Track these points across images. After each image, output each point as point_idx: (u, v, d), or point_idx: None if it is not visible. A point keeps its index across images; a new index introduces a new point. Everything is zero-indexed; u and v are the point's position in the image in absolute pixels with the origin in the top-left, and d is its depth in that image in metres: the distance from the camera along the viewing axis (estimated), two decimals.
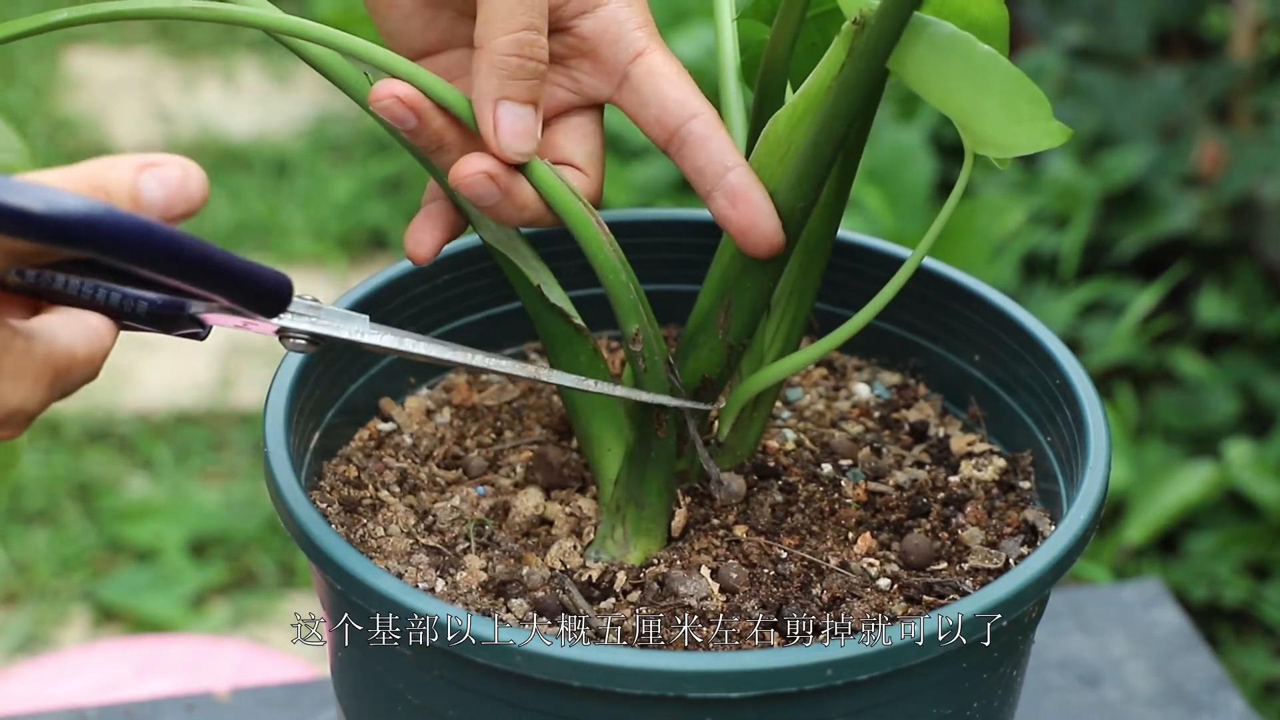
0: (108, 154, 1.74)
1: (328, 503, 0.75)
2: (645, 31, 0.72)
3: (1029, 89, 0.65)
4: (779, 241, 0.70)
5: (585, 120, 0.74)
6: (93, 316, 0.59)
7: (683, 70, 0.72)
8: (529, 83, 0.69)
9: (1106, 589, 1.17)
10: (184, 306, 0.61)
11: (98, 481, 1.95)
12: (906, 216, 2.03)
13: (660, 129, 0.72)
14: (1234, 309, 2.02)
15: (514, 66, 0.69)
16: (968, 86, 0.67)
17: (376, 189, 2.41)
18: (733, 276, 0.72)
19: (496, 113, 0.69)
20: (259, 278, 0.58)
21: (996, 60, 0.65)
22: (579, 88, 0.73)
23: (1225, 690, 1.08)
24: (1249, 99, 2.19)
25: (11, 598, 1.84)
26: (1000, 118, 0.67)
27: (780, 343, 0.77)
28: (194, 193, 0.56)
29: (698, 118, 0.71)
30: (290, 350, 0.66)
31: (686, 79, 0.72)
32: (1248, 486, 1.79)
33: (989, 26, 0.69)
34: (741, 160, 0.71)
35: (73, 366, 0.58)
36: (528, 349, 0.88)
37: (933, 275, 0.83)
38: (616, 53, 0.72)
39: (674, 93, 0.71)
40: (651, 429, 0.73)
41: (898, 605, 0.71)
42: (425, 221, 0.74)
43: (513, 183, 0.70)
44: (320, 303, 0.67)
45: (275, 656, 1.34)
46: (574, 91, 0.74)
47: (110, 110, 2.56)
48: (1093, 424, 0.74)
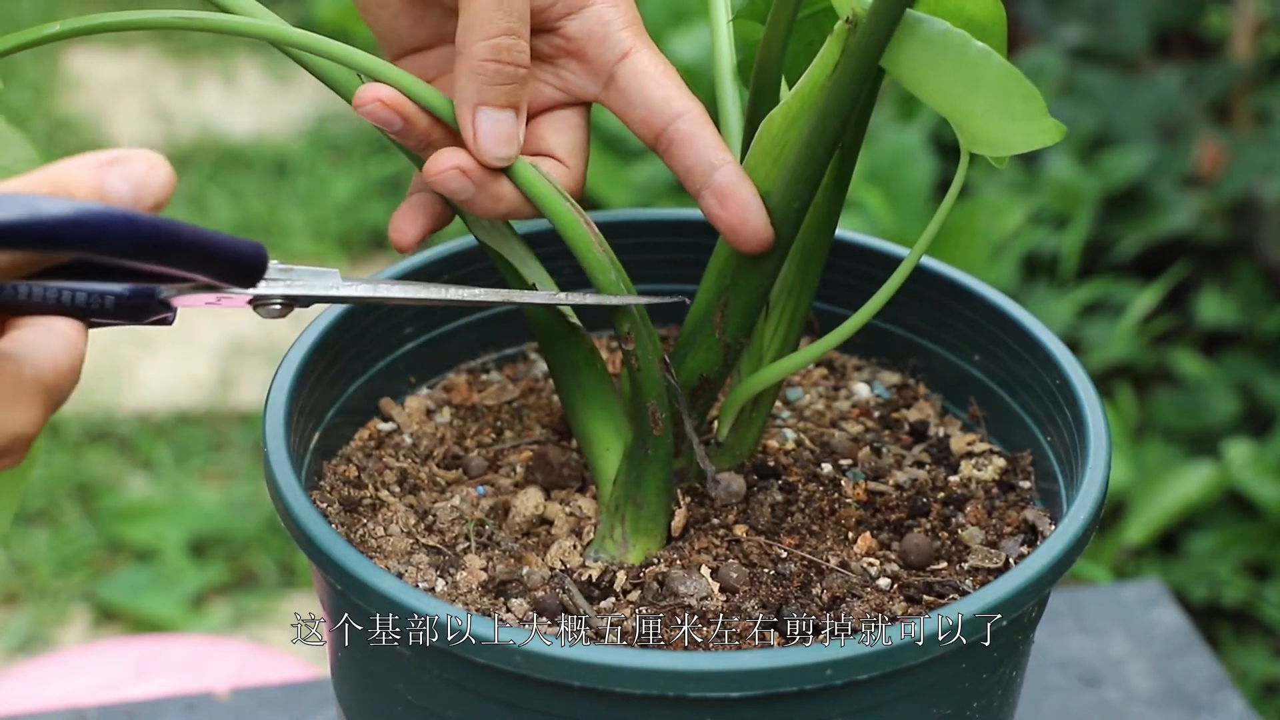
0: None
1: (328, 503, 0.75)
2: (631, 31, 0.72)
3: (1023, 86, 0.65)
4: (767, 237, 0.70)
5: (571, 114, 0.74)
6: (62, 323, 0.58)
7: (669, 69, 0.72)
8: (507, 88, 0.69)
9: (1106, 589, 1.17)
10: (154, 293, 0.59)
11: (98, 481, 1.95)
12: (907, 216, 2.03)
13: (647, 128, 0.72)
14: (1234, 309, 2.02)
15: (492, 72, 0.69)
16: (961, 84, 0.67)
17: (376, 189, 2.41)
18: (729, 276, 0.72)
19: (476, 118, 0.69)
20: (238, 249, 0.57)
21: (990, 57, 0.65)
22: (566, 86, 0.74)
23: (1225, 690, 1.08)
24: (1249, 99, 2.19)
25: (11, 598, 1.84)
26: (994, 115, 0.67)
27: (779, 342, 0.77)
28: (161, 185, 0.55)
29: (684, 116, 0.71)
30: (265, 318, 0.66)
31: (673, 77, 0.72)
32: (1248, 486, 1.79)
33: (986, 24, 0.69)
34: (729, 157, 0.71)
35: (60, 381, 0.57)
36: (528, 349, 0.88)
37: (933, 275, 0.83)
38: (603, 53, 0.72)
39: (659, 92, 0.71)
40: (648, 428, 0.73)
41: (898, 605, 0.71)
42: (409, 211, 0.74)
43: (487, 178, 0.70)
44: (292, 267, 0.66)
45: (275, 656, 1.34)
46: (561, 90, 0.74)
47: (110, 110, 2.56)
48: (1093, 424, 0.74)
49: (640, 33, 0.72)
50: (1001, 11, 0.69)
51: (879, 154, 2.09)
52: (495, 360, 0.87)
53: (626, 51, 0.72)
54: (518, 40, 0.69)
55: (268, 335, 2.17)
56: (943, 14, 0.69)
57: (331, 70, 0.71)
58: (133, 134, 2.52)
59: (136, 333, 2.15)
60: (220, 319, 2.20)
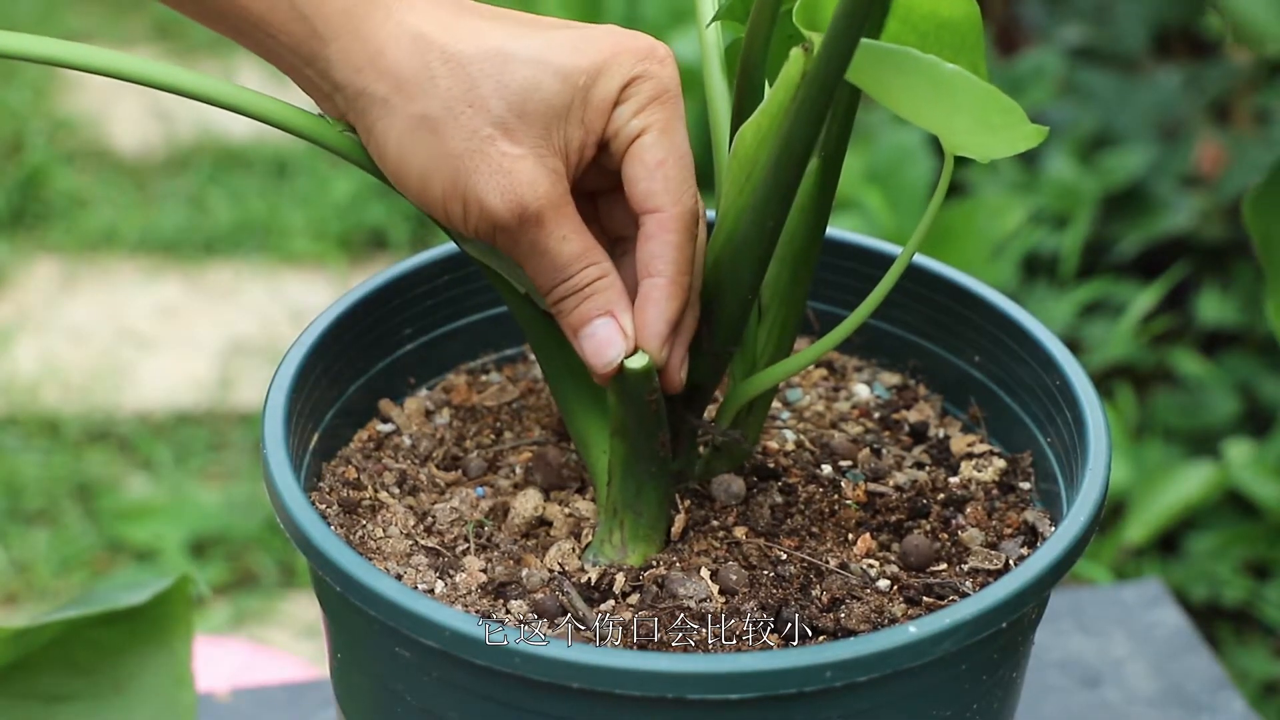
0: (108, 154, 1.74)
1: (327, 504, 0.75)
2: (643, 118, 0.70)
3: (999, 101, 0.64)
4: (649, 360, 0.71)
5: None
6: None
7: (666, 158, 0.70)
8: (585, 305, 0.71)
9: (1107, 589, 1.16)
10: None
11: (98, 481, 1.95)
12: (907, 216, 2.03)
13: (630, 205, 0.72)
14: (1234, 309, 2.01)
15: (569, 302, 0.72)
16: (938, 105, 0.66)
17: (376, 189, 2.41)
18: (711, 287, 0.72)
19: (579, 344, 0.72)
20: None
21: (963, 78, 0.64)
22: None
23: (1225, 691, 1.08)
24: (1249, 99, 2.19)
25: (11, 598, 1.84)
26: (974, 129, 0.67)
27: (772, 347, 0.77)
28: None
29: (653, 215, 0.71)
30: None
31: (665, 170, 0.70)
32: (1248, 486, 1.79)
33: (960, 24, 0.69)
34: (667, 270, 0.70)
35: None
36: (527, 349, 0.87)
37: (933, 276, 0.83)
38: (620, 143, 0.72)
39: (643, 184, 0.70)
40: (652, 447, 0.73)
41: (897, 607, 0.71)
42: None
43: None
44: None
45: (275, 656, 1.34)
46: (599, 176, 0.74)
47: (110, 110, 2.56)
48: (1092, 424, 0.74)
49: (659, 108, 0.71)
50: (975, 9, 0.69)
51: (878, 154, 2.09)
52: (495, 361, 0.87)
53: (639, 133, 0.71)
54: (585, 270, 0.70)
55: (268, 335, 2.17)
56: (916, 18, 0.68)
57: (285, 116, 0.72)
58: (132, 134, 2.52)
59: (136, 333, 2.15)
60: (220, 319, 2.20)
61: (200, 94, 0.70)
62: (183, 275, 2.27)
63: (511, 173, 0.68)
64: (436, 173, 0.69)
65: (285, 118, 0.71)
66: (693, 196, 0.71)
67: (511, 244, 0.70)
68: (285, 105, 0.72)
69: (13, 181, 2.38)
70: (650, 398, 0.71)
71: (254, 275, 2.28)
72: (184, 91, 0.70)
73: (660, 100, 0.70)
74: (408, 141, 0.69)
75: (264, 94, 0.72)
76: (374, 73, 0.69)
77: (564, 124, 0.69)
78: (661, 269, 0.70)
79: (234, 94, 0.71)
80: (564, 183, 0.70)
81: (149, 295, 2.23)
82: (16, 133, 2.49)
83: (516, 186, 0.68)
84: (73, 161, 2.45)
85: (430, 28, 0.69)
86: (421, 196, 0.70)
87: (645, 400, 0.71)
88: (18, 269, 2.25)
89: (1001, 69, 2.21)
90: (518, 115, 0.68)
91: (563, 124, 0.69)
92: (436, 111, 0.68)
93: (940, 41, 0.69)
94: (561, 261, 0.70)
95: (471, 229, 0.70)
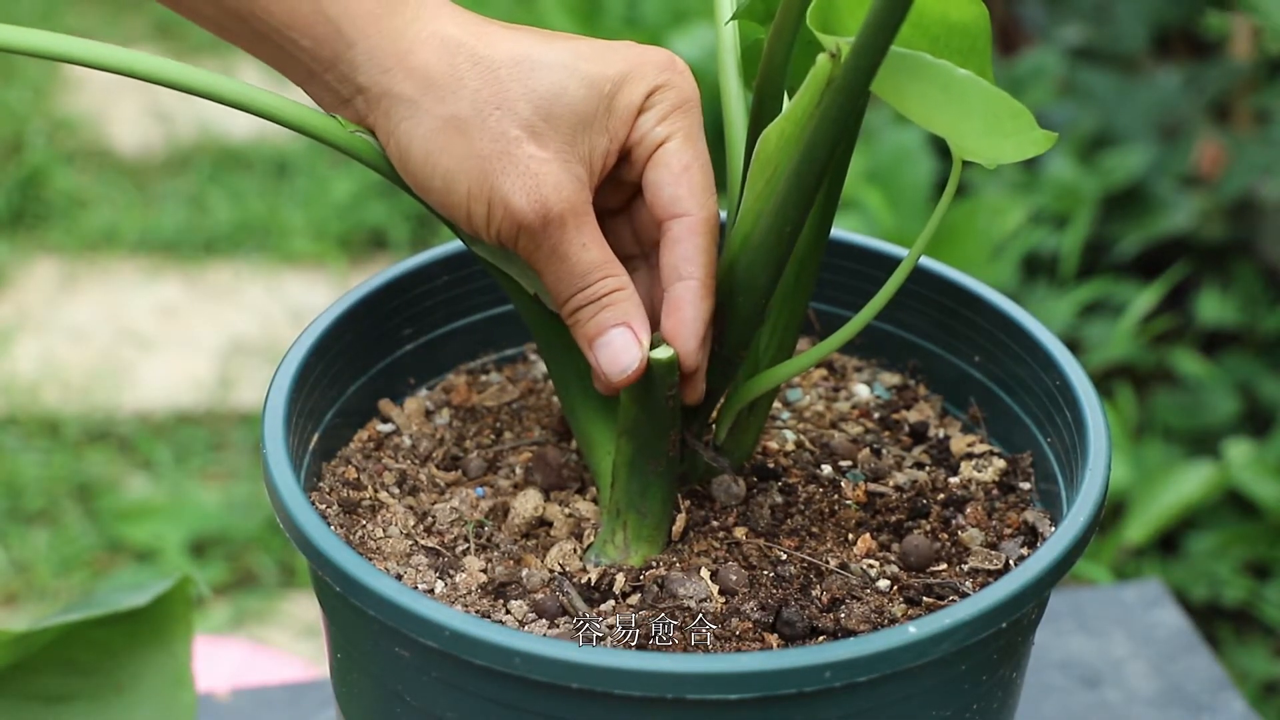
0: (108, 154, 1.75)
1: (327, 504, 0.75)
2: (669, 121, 0.71)
3: (1010, 105, 0.65)
4: (692, 364, 0.71)
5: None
6: None
7: (691, 163, 0.71)
8: (600, 315, 0.71)
9: (1107, 589, 1.16)
10: None
11: (98, 481, 1.95)
12: (907, 216, 2.03)
13: (654, 214, 0.72)
14: (1234, 309, 2.02)
15: (584, 313, 0.72)
16: (949, 110, 0.66)
17: (376, 189, 2.41)
18: (725, 291, 0.72)
19: (592, 356, 0.72)
20: None
21: (975, 84, 0.64)
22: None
23: (1226, 691, 1.08)
24: (1249, 99, 2.19)
25: (11, 598, 1.84)
26: (984, 134, 0.67)
27: (774, 348, 0.77)
28: None
29: (681, 219, 0.71)
30: None
31: (690, 175, 0.71)
32: (1248, 486, 1.79)
33: (970, 26, 0.69)
34: (698, 273, 0.71)
35: None
36: (527, 349, 0.88)
37: (933, 276, 0.83)
38: (642, 153, 0.72)
39: (668, 190, 0.71)
40: (662, 446, 0.73)
41: (897, 607, 0.71)
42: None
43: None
44: None
45: (275, 656, 1.34)
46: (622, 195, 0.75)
47: (110, 110, 2.56)
48: (1092, 425, 0.74)
49: (681, 117, 0.71)
50: (984, 11, 0.69)
51: (879, 154, 2.09)
52: (495, 361, 0.87)
53: (663, 139, 0.71)
54: (603, 279, 0.71)
55: (268, 335, 2.17)
56: (927, 21, 0.68)
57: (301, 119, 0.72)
58: (132, 134, 2.52)
59: (136, 333, 2.15)
60: (220, 319, 2.20)
61: (213, 93, 0.70)
62: (183, 275, 2.28)
63: (538, 175, 0.69)
64: (462, 174, 0.69)
65: (297, 117, 0.71)
66: (715, 202, 0.72)
67: (532, 248, 0.70)
68: (296, 105, 0.72)
69: (13, 181, 2.38)
70: (669, 393, 0.71)
71: (254, 275, 2.28)
72: (197, 90, 0.70)
73: (682, 109, 0.71)
74: (434, 142, 0.69)
75: (275, 93, 0.72)
76: (402, 73, 0.69)
77: (589, 130, 0.70)
78: (693, 271, 0.71)
79: (246, 93, 0.71)
80: (587, 190, 0.70)
81: (149, 295, 2.23)
82: (16, 133, 2.49)
83: (542, 189, 0.69)
84: (73, 161, 2.45)
85: (458, 31, 0.69)
86: (444, 198, 0.70)
87: (663, 396, 0.71)
88: (18, 269, 2.25)
89: (1001, 69, 2.21)
90: (545, 119, 0.69)
91: (588, 130, 0.70)
92: (465, 112, 0.68)
93: (950, 45, 0.69)
94: (581, 269, 0.70)
95: (494, 231, 0.70)
